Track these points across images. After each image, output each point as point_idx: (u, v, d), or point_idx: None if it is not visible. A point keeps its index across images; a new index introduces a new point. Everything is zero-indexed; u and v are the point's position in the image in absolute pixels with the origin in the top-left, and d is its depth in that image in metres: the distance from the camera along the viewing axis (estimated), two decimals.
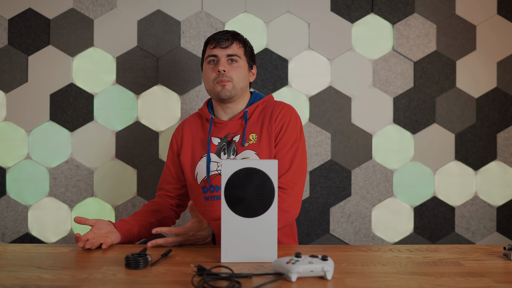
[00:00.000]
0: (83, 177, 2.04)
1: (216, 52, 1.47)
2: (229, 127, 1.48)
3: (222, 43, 1.46)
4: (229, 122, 1.49)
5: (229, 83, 1.45)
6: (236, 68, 1.47)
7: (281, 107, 1.47)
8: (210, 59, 1.48)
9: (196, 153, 1.49)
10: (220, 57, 1.46)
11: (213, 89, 1.47)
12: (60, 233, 2.04)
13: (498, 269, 1.06)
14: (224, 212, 1.08)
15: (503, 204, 2.10)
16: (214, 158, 1.44)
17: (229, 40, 1.47)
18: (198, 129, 1.54)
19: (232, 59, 1.47)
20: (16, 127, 2.04)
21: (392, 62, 2.08)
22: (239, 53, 1.49)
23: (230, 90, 1.45)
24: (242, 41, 1.52)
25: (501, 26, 2.09)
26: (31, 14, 2.05)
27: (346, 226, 2.07)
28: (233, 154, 1.43)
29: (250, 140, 1.43)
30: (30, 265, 1.08)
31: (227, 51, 1.47)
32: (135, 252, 1.08)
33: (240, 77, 1.47)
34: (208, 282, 0.92)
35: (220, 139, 1.47)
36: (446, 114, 2.09)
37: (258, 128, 1.46)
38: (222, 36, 1.48)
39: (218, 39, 1.47)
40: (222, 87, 1.45)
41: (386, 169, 2.08)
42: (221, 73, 1.44)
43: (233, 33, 1.51)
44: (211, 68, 1.48)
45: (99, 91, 2.05)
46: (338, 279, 0.97)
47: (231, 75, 1.45)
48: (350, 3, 2.08)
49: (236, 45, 1.49)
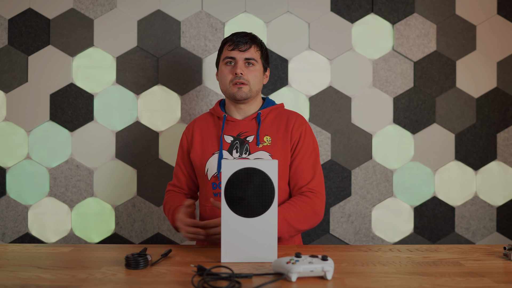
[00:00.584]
0: (83, 177, 2.04)
1: (234, 54, 1.50)
2: (242, 126, 1.52)
3: (240, 46, 1.49)
4: (242, 121, 1.52)
5: (245, 86, 1.49)
6: (252, 71, 1.50)
7: (296, 116, 1.54)
8: (228, 60, 1.51)
9: (207, 150, 1.52)
10: (238, 60, 1.49)
11: (229, 89, 1.51)
12: (60, 233, 2.04)
13: (498, 269, 1.06)
14: (224, 212, 1.08)
15: (503, 204, 2.10)
16: (226, 155, 1.47)
17: (248, 44, 1.50)
18: (210, 126, 1.57)
19: (249, 62, 1.50)
20: (16, 127, 2.04)
21: (392, 62, 2.08)
22: (256, 57, 1.52)
23: (247, 92, 1.49)
24: (259, 45, 1.55)
25: (501, 26, 2.09)
26: (31, 14, 2.05)
27: (346, 226, 2.07)
28: (245, 153, 1.47)
29: (264, 142, 1.48)
30: (30, 265, 1.08)
31: (245, 54, 1.50)
32: (135, 252, 1.08)
33: (256, 80, 1.51)
34: (208, 282, 0.92)
35: (232, 137, 1.50)
36: (446, 114, 2.09)
37: (273, 132, 1.50)
38: (240, 39, 1.50)
39: (237, 41, 1.50)
40: (238, 89, 1.48)
41: (386, 169, 2.08)
42: (238, 76, 1.48)
43: (251, 37, 1.53)
44: (228, 69, 1.51)
45: (99, 91, 2.05)
46: (338, 279, 0.97)
47: (248, 78, 1.49)
48: (350, 3, 2.08)
49: (254, 49, 1.52)
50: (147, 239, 2.05)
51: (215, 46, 2.06)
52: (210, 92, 2.06)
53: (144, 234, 2.05)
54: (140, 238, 2.05)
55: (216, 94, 2.06)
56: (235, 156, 1.47)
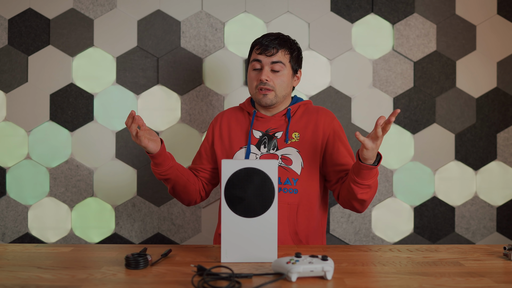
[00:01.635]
0: (83, 177, 2.04)
1: (260, 58, 1.48)
2: (271, 122, 1.52)
3: (267, 50, 1.48)
4: (271, 118, 1.52)
5: (271, 92, 1.47)
6: (279, 77, 1.49)
7: (325, 113, 1.55)
8: (254, 64, 1.50)
9: (234, 143, 1.52)
10: (264, 64, 1.48)
11: (255, 95, 1.51)
12: (60, 233, 2.05)
13: (498, 269, 1.06)
14: (224, 212, 1.08)
15: (503, 204, 2.10)
16: (254, 150, 1.48)
17: (275, 48, 1.48)
18: (239, 120, 1.57)
19: (275, 67, 1.48)
20: (16, 127, 2.04)
21: (392, 62, 2.08)
22: (284, 61, 1.50)
23: (272, 99, 1.49)
24: (289, 48, 1.52)
25: (501, 26, 2.09)
26: (31, 14, 2.05)
27: (346, 226, 2.07)
28: (273, 149, 1.47)
29: (292, 138, 1.48)
30: (30, 265, 1.08)
31: (271, 58, 1.48)
32: (135, 252, 1.08)
33: (283, 86, 1.50)
34: (208, 282, 0.92)
35: (261, 132, 1.51)
36: (446, 114, 2.09)
37: (301, 128, 1.50)
38: (269, 43, 1.48)
39: (265, 45, 1.48)
40: (263, 96, 1.48)
41: (386, 169, 2.08)
42: (263, 82, 1.46)
43: (280, 40, 1.50)
44: (254, 74, 1.50)
45: (99, 91, 2.05)
46: (338, 279, 0.97)
47: (274, 84, 1.48)
48: (350, 3, 2.08)
49: (282, 53, 1.49)
50: (147, 239, 2.05)
51: (215, 46, 2.06)
52: (210, 92, 2.06)
53: (144, 234, 2.05)
54: (140, 238, 2.05)
55: (216, 94, 2.06)
56: (262, 151, 1.47)
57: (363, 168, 1.31)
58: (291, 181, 1.44)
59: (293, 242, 1.44)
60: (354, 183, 1.35)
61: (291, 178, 1.44)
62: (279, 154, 1.47)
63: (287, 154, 1.46)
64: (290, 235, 1.45)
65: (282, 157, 1.46)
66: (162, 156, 1.38)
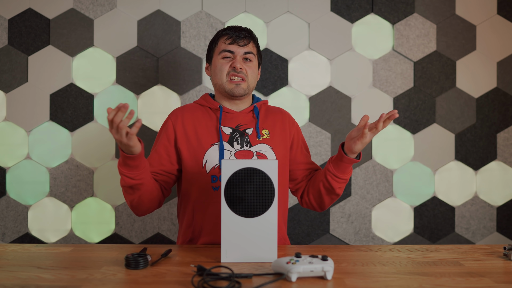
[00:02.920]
0: (83, 177, 2.04)
1: (233, 48, 1.45)
2: (240, 118, 1.48)
3: (240, 40, 1.45)
4: (239, 113, 1.48)
5: (244, 82, 1.45)
6: (250, 67, 1.47)
7: (287, 113, 1.58)
8: (225, 54, 1.46)
9: (203, 141, 1.43)
10: (237, 54, 1.45)
11: (225, 84, 1.45)
12: (60, 233, 2.05)
13: (498, 269, 1.06)
14: (224, 212, 1.08)
15: (503, 204, 2.10)
16: (227, 146, 1.42)
17: (247, 39, 1.47)
18: (204, 117, 1.48)
19: (247, 58, 1.47)
20: (16, 127, 2.04)
21: (392, 62, 2.08)
22: (254, 52, 1.49)
23: (245, 89, 1.46)
24: (256, 41, 1.53)
25: (501, 26, 2.09)
26: (31, 14, 2.05)
27: (346, 226, 2.07)
28: (246, 145, 1.44)
29: (263, 135, 1.47)
30: (30, 265, 1.08)
31: (244, 49, 1.46)
32: (135, 252, 1.08)
33: (254, 76, 1.49)
34: (208, 282, 0.92)
35: (231, 128, 1.45)
36: (446, 114, 2.09)
37: (270, 126, 1.49)
38: (239, 33, 1.46)
39: (235, 36, 1.45)
40: (236, 85, 1.44)
41: (386, 169, 2.08)
42: (237, 70, 1.43)
43: (249, 31, 1.50)
44: (225, 62, 1.46)
45: (99, 91, 2.05)
46: (338, 279, 0.97)
47: (247, 73, 1.46)
48: (350, 3, 2.08)
49: (252, 44, 1.49)
50: (147, 239, 2.05)
51: None
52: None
53: (144, 234, 2.05)
54: (140, 238, 2.05)
55: None
56: (236, 148, 1.42)
57: (346, 161, 1.35)
58: None
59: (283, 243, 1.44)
60: (334, 177, 1.38)
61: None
62: (254, 151, 1.43)
63: (262, 151, 1.43)
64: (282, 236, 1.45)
65: (257, 153, 1.43)
66: (141, 158, 1.24)
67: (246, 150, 1.42)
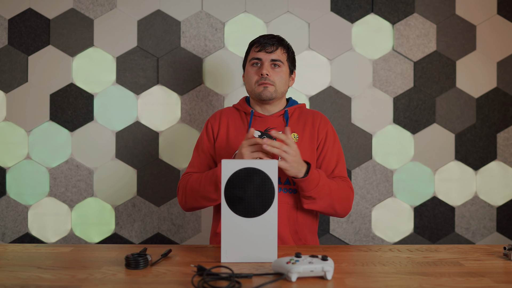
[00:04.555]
0: (83, 177, 2.04)
1: (260, 55, 1.50)
2: (270, 122, 1.52)
3: (267, 47, 1.50)
4: (269, 117, 1.53)
5: (271, 86, 1.49)
6: (278, 73, 1.51)
7: (321, 116, 1.57)
8: (254, 61, 1.51)
9: (232, 143, 1.51)
10: (264, 61, 1.50)
11: (254, 89, 1.51)
12: (60, 233, 2.05)
13: (498, 269, 1.06)
14: (224, 212, 1.08)
15: (503, 204, 2.10)
16: None
17: (274, 45, 1.51)
18: (237, 120, 1.56)
19: (275, 64, 1.51)
20: (16, 127, 2.04)
21: (392, 62, 2.08)
22: (282, 59, 1.52)
23: (272, 92, 1.49)
24: (286, 47, 1.55)
25: (501, 26, 2.09)
26: (31, 14, 2.05)
27: (346, 226, 2.07)
28: None
29: None
30: (30, 265, 1.08)
31: (271, 56, 1.50)
32: (135, 252, 1.08)
33: (282, 82, 1.52)
34: (208, 282, 0.92)
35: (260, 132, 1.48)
36: (446, 114, 2.09)
37: (299, 130, 1.51)
38: (267, 40, 1.51)
39: (263, 43, 1.50)
40: (264, 88, 1.49)
41: (386, 169, 2.08)
42: (263, 76, 1.48)
43: (278, 38, 1.54)
44: (254, 70, 1.52)
45: (99, 91, 2.05)
46: (338, 279, 0.97)
47: (274, 79, 1.50)
48: (350, 3, 2.08)
49: (281, 51, 1.52)
50: (147, 239, 2.05)
51: (215, 46, 2.06)
52: (210, 92, 2.06)
53: (144, 234, 2.05)
54: (140, 238, 2.05)
55: (216, 94, 2.06)
56: None
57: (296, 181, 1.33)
58: (290, 181, 1.44)
59: (293, 242, 1.45)
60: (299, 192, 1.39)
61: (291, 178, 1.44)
62: None
63: None
64: (291, 235, 1.45)
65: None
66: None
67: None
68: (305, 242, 1.47)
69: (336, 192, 1.39)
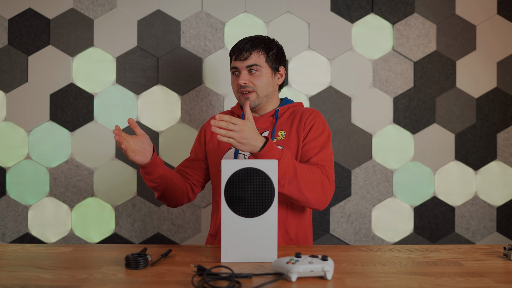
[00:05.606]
0: (83, 177, 2.04)
1: (237, 64, 1.50)
2: (260, 122, 1.53)
3: (241, 55, 1.49)
4: (260, 118, 1.53)
5: (252, 93, 1.48)
6: (257, 77, 1.49)
7: (311, 111, 1.51)
8: (233, 70, 1.52)
9: (223, 144, 1.52)
10: (241, 69, 1.49)
11: (239, 99, 1.53)
12: (60, 233, 2.05)
13: (498, 269, 1.06)
14: (224, 212, 1.08)
15: (503, 204, 2.10)
16: None
17: (248, 51, 1.48)
18: None
19: (251, 69, 1.49)
20: (16, 127, 2.04)
21: (392, 62, 2.08)
22: (260, 62, 1.49)
23: (254, 100, 1.49)
24: (263, 48, 1.51)
25: (501, 26, 2.09)
26: (31, 14, 2.05)
27: (346, 226, 2.07)
28: None
29: (278, 136, 1.48)
30: (30, 265, 1.08)
31: (246, 62, 1.49)
32: (135, 252, 1.08)
33: (263, 85, 1.50)
34: (208, 282, 0.92)
35: None
36: (446, 114, 2.09)
37: (288, 127, 1.50)
38: (242, 46, 1.50)
39: (238, 50, 1.50)
40: (246, 99, 1.49)
41: (386, 169, 2.08)
42: (241, 86, 1.48)
43: (252, 42, 1.49)
44: (234, 79, 1.53)
45: (99, 91, 2.05)
46: (338, 279, 0.97)
47: (254, 85, 1.49)
48: (350, 3, 2.08)
49: (256, 55, 1.49)
50: (147, 239, 2.05)
51: (215, 46, 2.06)
52: (210, 92, 2.06)
53: (144, 234, 2.05)
54: (140, 238, 2.05)
55: (216, 94, 2.06)
56: None
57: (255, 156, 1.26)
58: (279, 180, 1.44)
59: (284, 242, 1.44)
60: None
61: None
62: None
63: None
64: (281, 235, 1.45)
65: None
66: (152, 165, 1.37)
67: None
68: (297, 242, 1.46)
69: (304, 175, 1.29)
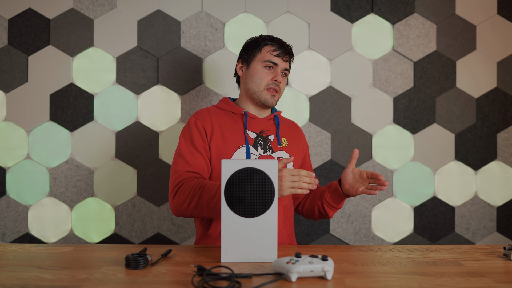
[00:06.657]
0: (83, 177, 2.05)
1: (278, 61, 1.51)
2: (263, 124, 1.54)
3: (285, 55, 1.52)
4: (263, 120, 1.55)
5: (277, 94, 1.53)
6: (284, 82, 1.56)
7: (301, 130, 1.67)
8: (269, 64, 1.50)
9: (230, 142, 1.45)
10: (280, 67, 1.52)
11: (261, 92, 1.50)
12: (60, 233, 2.05)
13: (498, 269, 1.06)
14: (224, 212, 1.08)
15: (503, 204, 2.10)
16: (252, 150, 1.48)
17: (290, 55, 1.55)
18: (229, 120, 1.50)
19: (284, 73, 1.54)
20: (16, 127, 2.04)
21: (392, 62, 2.08)
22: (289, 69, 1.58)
23: (276, 100, 1.54)
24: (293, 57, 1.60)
25: (501, 26, 2.09)
26: (31, 14, 2.05)
27: (346, 226, 2.07)
28: (268, 150, 1.49)
29: (283, 142, 1.53)
30: (30, 265, 1.08)
31: (286, 64, 1.53)
32: (135, 252, 1.08)
33: (283, 90, 1.57)
34: (208, 282, 0.92)
35: (255, 133, 1.51)
36: (446, 114, 2.09)
37: (286, 135, 1.56)
38: (285, 48, 1.52)
39: (283, 49, 1.51)
40: (271, 96, 1.51)
41: (386, 169, 2.08)
42: (276, 82, 1.50)
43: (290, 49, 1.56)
44: (266, 72, 1.51)
45: (99, 91, 2.05)
46: (338, 279, 0.97)
47: (281, 87, 1.54)
48: (350, 3, 2.08)
49: (291, 61, 1.58)
50: (147, 239, 2.05)
51: (215, 46, 2.06)
52: (210, 92, 2.06)
53: (144, 234, 2.05)
54: (140, 238, 2.05)
55: (216, 94, 2.06)
56: (260, 152, 1.48)
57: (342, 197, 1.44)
58: None
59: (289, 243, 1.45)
60: (330, 206, 1.48)
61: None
62: (275, 157, 1.48)
63: (282, 158, 1.49)
64: (287, 237, 1.46)
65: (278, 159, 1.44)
66: None
67: (269, 155, 1.48)
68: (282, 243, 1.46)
69: None
